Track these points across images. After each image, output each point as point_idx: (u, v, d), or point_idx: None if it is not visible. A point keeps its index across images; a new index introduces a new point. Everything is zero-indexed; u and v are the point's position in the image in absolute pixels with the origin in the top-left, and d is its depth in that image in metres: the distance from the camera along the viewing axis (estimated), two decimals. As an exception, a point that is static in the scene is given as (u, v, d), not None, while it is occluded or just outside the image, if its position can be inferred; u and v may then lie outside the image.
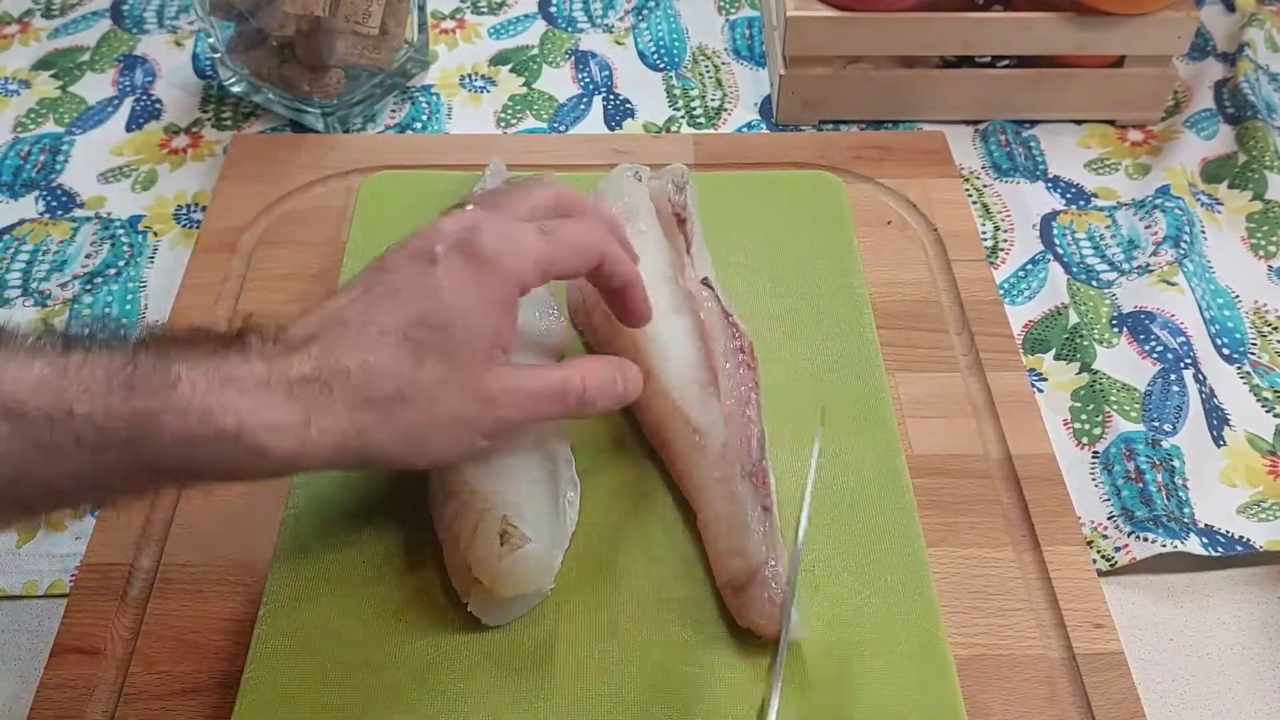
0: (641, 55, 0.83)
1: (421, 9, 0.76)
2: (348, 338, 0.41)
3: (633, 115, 0.78)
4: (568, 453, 0.52)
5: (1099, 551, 0.55)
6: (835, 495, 0.53)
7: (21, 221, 0.71)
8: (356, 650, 0.48)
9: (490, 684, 0.47)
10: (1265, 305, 0.67)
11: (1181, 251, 0.68)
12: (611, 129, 0.77)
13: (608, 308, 0.51)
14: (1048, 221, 0.72)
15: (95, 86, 0.80)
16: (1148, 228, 0.70)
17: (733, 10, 0.87)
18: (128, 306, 0.66)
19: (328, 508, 0.52)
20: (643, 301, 0.50)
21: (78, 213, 0.71)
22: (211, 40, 0.75)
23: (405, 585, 0.50)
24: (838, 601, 0.49)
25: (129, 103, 0.79)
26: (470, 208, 0.46)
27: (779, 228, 0.65)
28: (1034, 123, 0.78)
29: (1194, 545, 0.54)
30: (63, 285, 0.67)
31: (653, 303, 0.53)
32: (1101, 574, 0.54)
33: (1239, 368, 0.64)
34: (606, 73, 0.82)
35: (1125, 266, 0.69)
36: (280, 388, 0.39)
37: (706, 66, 0.82)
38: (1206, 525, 0.56)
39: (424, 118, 0.78)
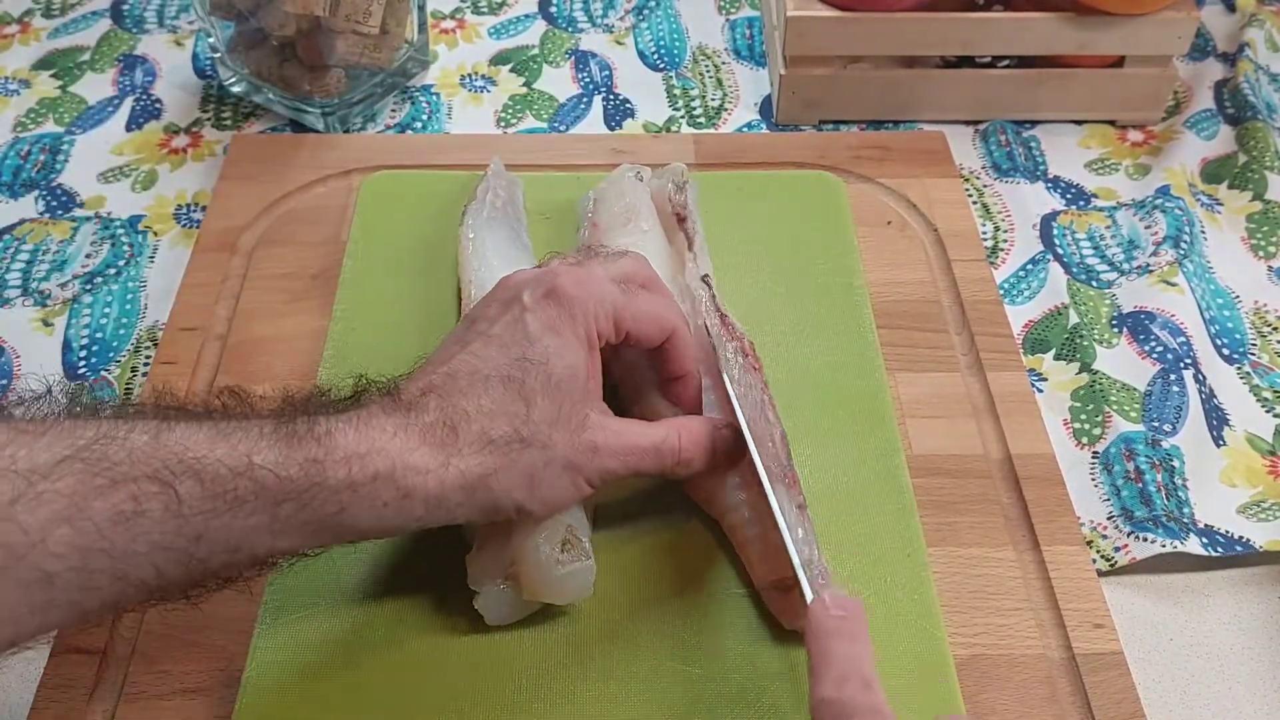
0: (641, 55, 0.83)
1: (421, 9, 0.76)
2: (459, 384, 0.44)
3: (633, 115, 0.78)
4: None
5: (1099, 551, 0.55)
6: (835, 495, 0.53)
7: (21, 221, 0.71)
8: (357, 650, 0.48)
9: (492, 685, 0.47)
10: (1265, 305, 0.67)
11: (1181, 252, 0.68)
12: (611, 129, 0.77)
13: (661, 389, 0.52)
14: (1048, 221, 0.72)
15: (95, 86, 0.80)
16: (1148, 228, 0.70)
17: (733, 10, 0.87)
18: (128, 306, 0.66)
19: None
20: (695, 394, 0.51)
21: (78, 212, 0.71)
22: (211, 40, 0.75)
23: (408, 585, 0.50)
24: None
25: (129, 102, 0.79)
26: (554, 262, 0.48)
27: (779, 228, 0.65)
28: (1034, 123, 0.78)
29: (1194, 545, 0.54)
30: (63, 285, 0.67)
31: None
32: (1101, 574, 0.54)
33: (1239, 368, 0.64)
34: (606, 73, 0.82)
35: (1125, 267, 0.69)
36: (415, 433, 0.42)
37: (706, 66, 0.82)
38: (1206, 525, 0.56)
39: (424, 118, 0.78)
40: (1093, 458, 0.59)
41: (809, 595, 0.43)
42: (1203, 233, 0.70)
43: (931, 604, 0.49)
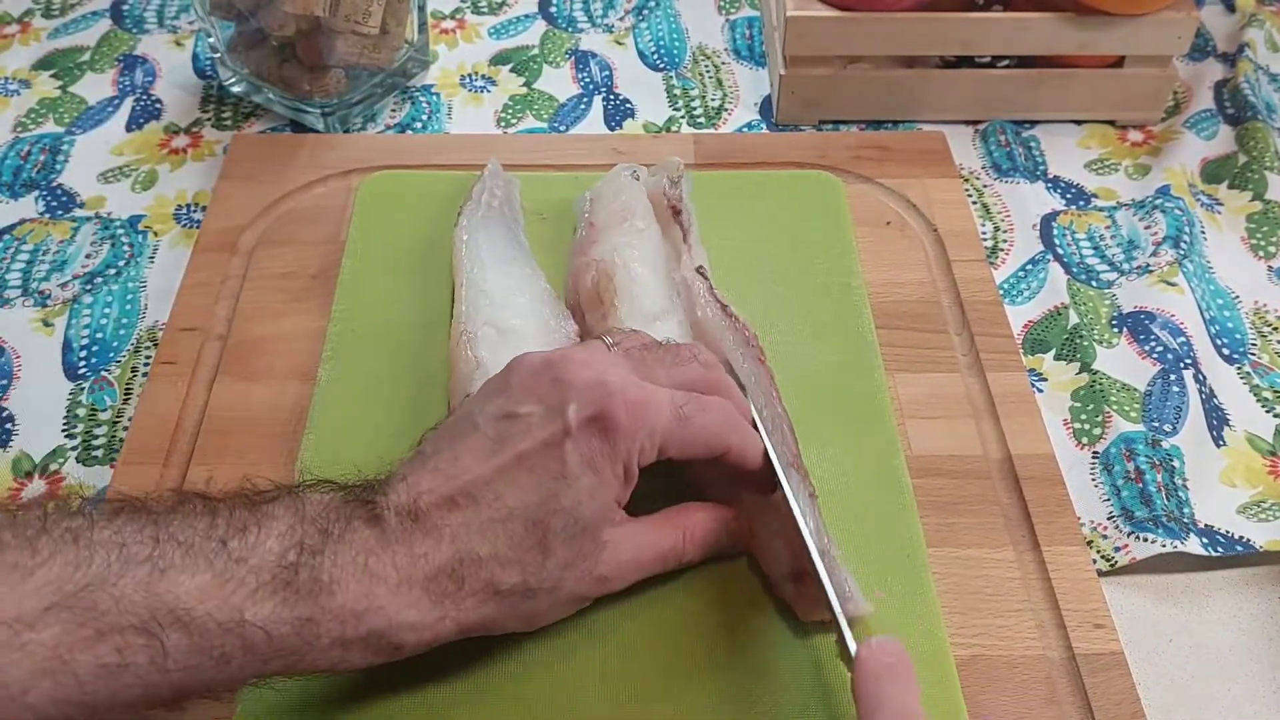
0: (641, 55, 0.83)
1: (421, 9, 0.76)
2: (480, 517, 0.41)
3: (633, 115, 0.78)
4: None
5: (1099, 551, 0.55)
6: (835, 496, 0.53)
7: (21, 221, 0.71)
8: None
9: (493, 686, 0.47)
10: (1265, 305, 0.67)
11: (1181, 252, 0.68)
12: (611, 129, 0.77)
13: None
14: (1048, 221, 0.72)
15: (95, 86, 0.80)
16: (1148, 228, 0.70)
17: (733, 10, 0.87)
18: (128, 306, 0.66)
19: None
20: (766, 479, 0.48)
21: (78, 213, 0.71)
22: (211, 40, 0.75)
23: None
24: None
25: (129, 103, 0.79)
26: (616, 348, 0.45)
27: (777, 228, 0.65)
28: (1034, 123, 0.78)
29: (1194, 545, 0.54)
30: (63, 285, 0.67)
31: (646, 306, 0.53)
32: (1101, 574, 0.54)
33: (1239, 368, 0.64)
34: (606, 73, 0.82)
35: (1125, 267, 0.69)
36: (419, 584, 0.40)
37: (706, 66, 0.82)
38: (1206, 525, 0.56)
39: (424, 118, 0.78)
40: (1093, 458, 0.59)
41: (834, 599, 0.43)
42: (1203, 233, 0.70)
43: (932, 604, 0.49)
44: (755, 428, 0.48)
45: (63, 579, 0.34)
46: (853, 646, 0.41)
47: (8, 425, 0.60)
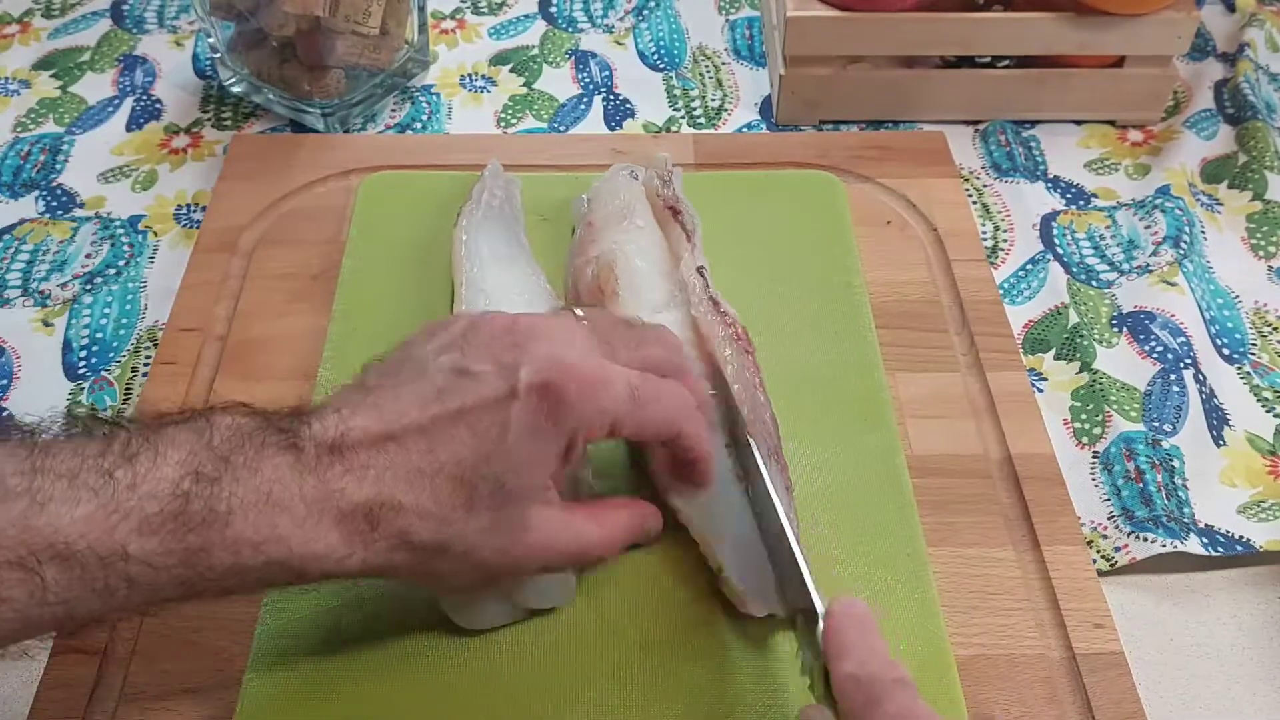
0: (641, 55, 0.83)
1: (421, 9, 0.76)
2: (407, 466, 0.40)
3: (633, 115, 0.78)
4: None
5: (1099, 551, 0.55)
6: (835, 495, 0.53)
7: (21, 221, 0.71)
8: (357, 651, 0.48)
9: (491, 687, 0.47)
10: (1265, 305, 0.67)
11: (1181, 251, 0.68)
12: (611, 129, 0.77)
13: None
14: (1048, 221, 0.72)
15: (95, 86, 0.80)
16: (1148, 228, 0.70)
17: (733, 10, 0.87)
18: (128, 306, 0.66)
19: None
20: (705, 475, 0.48)
21: (78, 213, 0.71)
22: (211, 40, 0.75)
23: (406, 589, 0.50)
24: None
25: (129, 103, 0.79)
26: (585, 321, 0.44)
27: (778, 227, 0.65)
28: (1034, 123, 0.78)
29: (1194, 545, 0.54)
30: (63, 285, 0.67)
31: (649, 298, 0.53)
32: (1101, 574, 0.54)
33: (1239, 368, 0.64)
34: (606, 73, 0.82)
35: (1125, 266, 0.69)
36: (330, 518, 0.39)
37: (706, 66, 0.82)
38: (1206, 525, 0.56)
39: (424, 118, 0.78)
40: (1093, 458, 0.59)
41: (809, 585, 0.43)
42: (1203, 233, 0.70)
43: (932, 603, 0.49)
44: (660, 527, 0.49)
45: None
46: (820, 606, 0.42)
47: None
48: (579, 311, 0.46)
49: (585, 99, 0.79)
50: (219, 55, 0.76)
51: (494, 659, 0.48)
